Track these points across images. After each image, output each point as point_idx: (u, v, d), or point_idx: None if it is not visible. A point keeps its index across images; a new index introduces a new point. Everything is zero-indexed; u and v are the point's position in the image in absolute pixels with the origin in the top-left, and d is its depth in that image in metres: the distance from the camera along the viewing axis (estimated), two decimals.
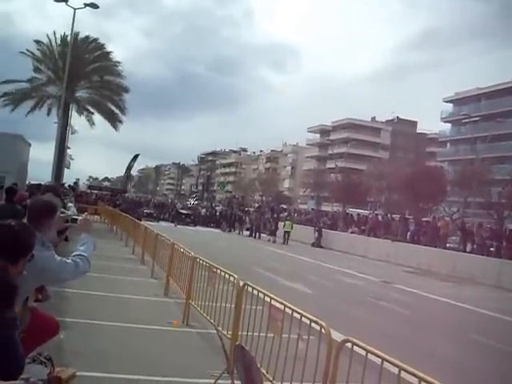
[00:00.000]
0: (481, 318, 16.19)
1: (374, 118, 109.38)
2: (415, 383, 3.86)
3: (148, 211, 53.17)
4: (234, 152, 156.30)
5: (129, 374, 6.85)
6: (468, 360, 10.56)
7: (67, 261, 4.81)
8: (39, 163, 50.55)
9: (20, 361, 3.77)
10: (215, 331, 7.96)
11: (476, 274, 25.77)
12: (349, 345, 4.78)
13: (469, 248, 30.71)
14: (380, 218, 41.71)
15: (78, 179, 61.76)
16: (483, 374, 9.71)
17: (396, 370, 4.16)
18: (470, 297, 20.02)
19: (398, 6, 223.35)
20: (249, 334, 6.85)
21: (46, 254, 4.69)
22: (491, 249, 29.15)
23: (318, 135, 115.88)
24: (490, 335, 12.94)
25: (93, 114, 43.05)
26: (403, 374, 4.10)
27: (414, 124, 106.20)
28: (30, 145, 28.43)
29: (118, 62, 42.81)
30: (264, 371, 5.88)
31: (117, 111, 42.89)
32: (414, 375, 3.91)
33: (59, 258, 4.79)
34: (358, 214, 46.15)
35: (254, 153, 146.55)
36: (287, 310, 6.01)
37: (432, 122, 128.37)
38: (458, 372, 8.96)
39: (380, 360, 4.36)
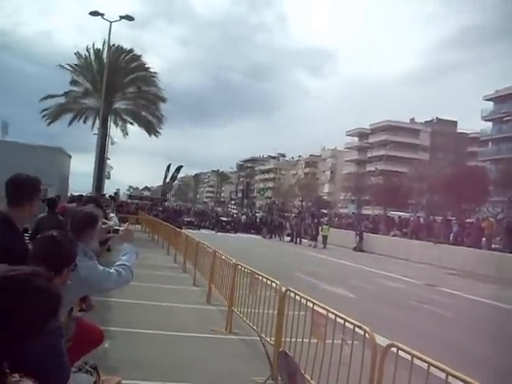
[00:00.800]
0: None
1: (412, 120, 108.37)
2: None
3: (188, 219, 53.46)
4: (273, 158, 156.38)
5: (173, 381, 6.87)
6: None
7: (110, 270, 4.85)
8: (80, 175, 51.30)
9: (66, 370, 3.81)
10: (258, 338, 7.95)
11: None
12: (394, 349, 4.72)
13: None
14: (422, 220, 41.28)
15: (118, 189, 62.68)
16: None
17: (443, 375, 4.10)
18: None
19: (433, 5, 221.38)
20: (292, 340, 6.82)
21: (88, 264, 4.75)
22: None
23: (356, 138, 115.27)
24: None
25: (132, 124, 43.50)
26: (450, 379, 4.03)
27: (453, 124, 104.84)
28: (70, 157, 28.83)
29: (155, 73, 43.24)
30: (308, 377, 5.85)
31: (154, 121, 43.25)
32: (462, 380, 3.84)
33: (102, 267, 4.84)
34: (400, 217, 45.75)
35: (292, 158, 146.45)
36: (330, 315, 5.97)
37: (473, 121, 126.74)
38: (505, 377, 8.77)
39: (426, 365, 4.30)
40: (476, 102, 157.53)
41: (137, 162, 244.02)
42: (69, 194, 23.44)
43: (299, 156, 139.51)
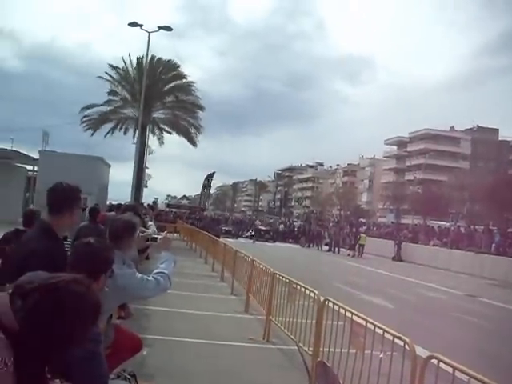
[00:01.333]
0: None
1: (452, 128, 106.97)
2: None
3: (226, 228, 53.66)
4: (311, 167, 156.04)
5: None
6: None
7: (148, 278, 4.88)
8: (119, 184, 51.83)
9: (104, 376, 3.84)
10: (296, 347, 7.91)
11: None
12: (434, 361, 4.64)
13: None
14: (462, 229, 40.74)
15: (156, 198, 62.95)
16: None
17: None
18: None
19: (474, 9, 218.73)
20: (330, 350, 6.76)
21: (127, 271, 4.79)
22: None
23: (394, 147, 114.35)
24: None
25: (170, 133, 43.87)
26: None
27: (495, 131, 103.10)
28: (109, 166, 29.24)
29: (193, 82, 43.55)
30: None
31: (192, 130, 43.56)
32: None
33: (140, 275, 4.88)
34: (439, 226, 45.24)
35: (330, 167, 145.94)
36: (369, 325, 5.91)
37: None
38: None
39: (467, 377, 4.21)
40: None
41: (175, 172, 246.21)
42: (108, 202, 23.72)
43: (337, 165, 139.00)
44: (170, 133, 43.86)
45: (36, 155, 27.17)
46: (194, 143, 44.08)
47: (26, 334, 2.20)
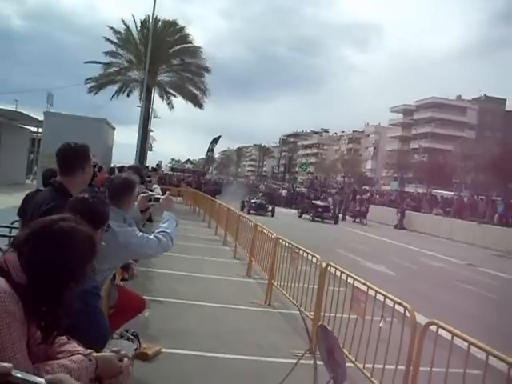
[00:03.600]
0: None
1: (459, 97, 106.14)
2: (504, 369, 3.75)
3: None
4: (316, 133, 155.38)
5: (213, 352, 6.96)
6: None
7: (149, 236, 4.91)
8: (124, 146, 51.75)
9: (105, 328, 3.89)
10: (297, 312, 7.97)
11: None
12: (433, 328, 4.70)
13: None
14: (466, 199, 40.72)
15: (160, 161, 62.98)
16: None
17: (483, 355, 4.07)
18: None
19: None
20: (331, 315, 6.86)
21: (128, 229, 4.83)
22: None
23: (400, 115, 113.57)
24: None
25: (175, 96, 43.71)
26: (491, 360, 4.00)
27: (502, 102, 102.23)
28: (114, 129, 29.15)
29: (199, 46, 43.25)
30: (346, 352, 5.88)
31: (198, 93, 43.37)
32: (503, 361, 3.80)
33: (141, 233, 4.91)
34: (443, 196, 45.21)
35: (335, 133, 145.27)
36: (370, 291, 5.97)
37: None
38: None
39: (466, 344, 4.27)
40: None
41: (180, 135, 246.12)
42: (112, 165, 23.74)
43: (342, 131, 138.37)
44: (175, 96, 43.71)
45: (40, 117, 27.10)
46: (199, 106, 43.95)
47: (30, 281, 2.27)
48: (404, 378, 4.83)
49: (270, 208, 39.20)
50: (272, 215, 37.76)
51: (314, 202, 40.95)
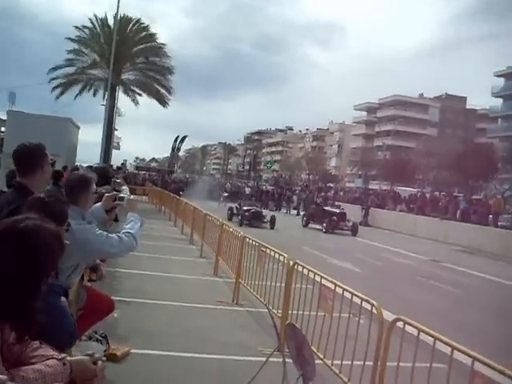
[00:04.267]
0: None
1: (421, 95, 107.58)
2: (468, 363, 3.85)
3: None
4: (280, 131, 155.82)
5: (182, 351, 6.98)
6: None
7: (110, 235, 4.89)
8: (88, 145, 51.30)
9: (68, 327, 3.88)
10: (265, 310, 8.02)
11: None
12: (400, 324, 4.79)
13: None
14: (428, 196, 41.24)
15: (125, 160, 62.64)
16: None
17: (448, 350, 4.16)
18: None
19: None
20: (299, 312, 6.91)
21: (85, 226, 4.80)
22: None
23: (364, 113, 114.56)
24: None
25: (140, 95, 43.50)
26: (456, 354, 4.09)
27: (463, 100, 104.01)
28: (78, 127, 28.87)
29: (163, 44, 43.12)
30: (315, 349, 5.94)
31: (163, 91, 43.23)
32: (467, 355, 3.90)
33: (100, 231, 4.89)
34: (406, 193, 45.70)
35: (300, 131, 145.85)
36: (338, 289, 6.04)
37: (482, 97, 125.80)
38: (510, 350, 8.85)
39: (432, 339, 4.36)
40: (486, 78, 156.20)
41: (145, 134, 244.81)
42: (77, 164, 23.50)
43: (307, 129, 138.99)
44: (140, 94, 43.50)
45: (3, 116, 26.71)
46: (164, 104, 43.80)
47: (2, 281, 2.28)
48: (372, 374, 4.91)
49: (269, 217, 29.81)
50: (272, 227, 28.86)
51: (326, 208, 32.95)
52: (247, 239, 10.44)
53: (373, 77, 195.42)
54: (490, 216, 32.10)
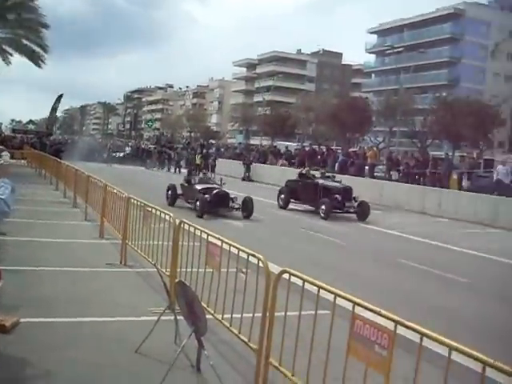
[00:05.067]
0: (408, 243, 16.88)
1: (299, 51, 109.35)
2: (349, 308, 4.13)
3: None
4: (161, 89, 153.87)
5: (72, 316, 6.96)
6: (400, 282, 11.13)
7: None
8: None
9: None
10: (154, 270, 8.08)
11: (402, 201, 26.69)
12: (286, 276, 5.01)
13: (395, 176, 31.70)
14: (308, 149, 42.19)
15: (0, 123, 59.88)
16: (412, 293, 10.24)
17: (332, 297, 4.44)
18: (396, 223, 20.78)
19: None
20: (188, 270, 7.03)
21: None
22: (416, 177, 30.14)
23: (244, 69, 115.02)
24: (415, 258, 13.56)
25: (11, 55, 41.48)
26: (338, 300, 4.38)
27: (339, 56, 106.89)
28: None
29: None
30: (205, 305, 6.10)
31: (38, 50, 41.44)
32: (349, 300, 4.18)
33: None
34: (287, 147, 46.55)
35: (180, 89, 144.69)
36: (224, 245, 6.19)
37: (357, 53, 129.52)
38: (387, 294, 9.41)
39: (316, 288, 4.63)
40: (361, 34, 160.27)
41: (20, 95, 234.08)
42: None
43: (187, 87, 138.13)
44: (11, 54, 41.49)
45: None
46: (38, 64, 42.02)
47: None
48: (261, 324, 5.12)
49: (240, 201, 19.81)
50: (248, 215, 19.29)
51: (321, 183, 22.75)
52: (132, 200, 10.37)
53: (252, 33, 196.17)
54: (366, 168, 33.45)
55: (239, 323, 5.66)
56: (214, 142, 71.11)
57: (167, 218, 8.35)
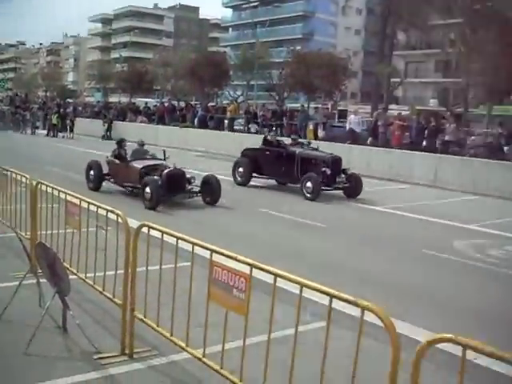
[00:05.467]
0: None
1: (156, 5, 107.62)
2: (207, 256, 4.33)
3: None
4: (12, 46, 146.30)
5: None
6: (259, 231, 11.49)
7: None
8: None
9: None
10: (13, 234, 7.92)
11: None
12: (145, 229, 5.13)
13: (254, 129, 32.34)
14: (167, 105, 41.95)
15: None
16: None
17: (190, 247, 4.61)
18: None
19: None
20: (48, 232, 6.95)
21: None
22: (273, 128, 30.83)
23: (99, 25, 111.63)
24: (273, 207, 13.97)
25: None
26: (196, 249, 4.56)
27: (196, 10, 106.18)
28: None
29: None
30: (67, 265, 6.09)
31: None
32: (207, 248, 4.38)
33: None
34: (146, 103, 45.99)
35: (33, 46, 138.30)
36: (83, 203, 6.20)
37: (214, 7, 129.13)
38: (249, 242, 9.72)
39: (175, 239, 4.78)
40: None
41: None
42: None
43: (40, 44, 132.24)
44: None
45: None
46: None
47: None
48: (124, 279, 5.21)
49: (199, 182, 15.14)
50: (214, 200, 14.64)
51: (304, 153, 17.98)
52: None
53: None
54: (226, 121, 33.91)
55: (102, 281, 5.73)
56: (71, 100, 68.79)
57: (23, 180, 8.14)
